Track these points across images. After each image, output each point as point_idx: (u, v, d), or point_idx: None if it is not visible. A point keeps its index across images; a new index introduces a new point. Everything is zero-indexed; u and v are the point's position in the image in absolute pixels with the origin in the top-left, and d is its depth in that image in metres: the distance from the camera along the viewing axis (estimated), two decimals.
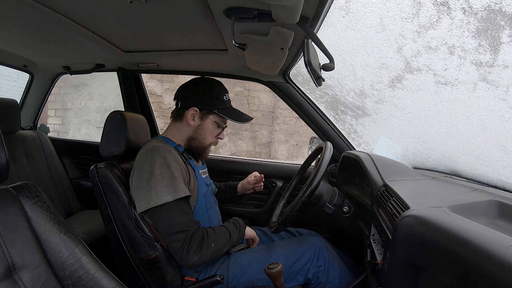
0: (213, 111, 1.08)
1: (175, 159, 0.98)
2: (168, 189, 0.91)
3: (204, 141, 1.11)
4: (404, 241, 0.59)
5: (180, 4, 0.81)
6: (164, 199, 0.90)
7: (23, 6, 0.88)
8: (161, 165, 0.94)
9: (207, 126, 1.10)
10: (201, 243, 0.92)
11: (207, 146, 1.13)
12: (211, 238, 0.95)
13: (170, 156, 0.97)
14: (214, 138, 1.13)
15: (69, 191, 1.87)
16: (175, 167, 0.96)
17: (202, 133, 1.10)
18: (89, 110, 5.48)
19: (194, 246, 0.91)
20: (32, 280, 0.59)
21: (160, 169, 0.93)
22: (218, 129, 1.12)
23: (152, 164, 0.94)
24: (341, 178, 1.35)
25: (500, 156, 1.05)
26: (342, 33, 1.38)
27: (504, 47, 1.11)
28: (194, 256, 0.90)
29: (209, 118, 1.09)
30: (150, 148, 0.99)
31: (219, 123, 1.11)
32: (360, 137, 1.66)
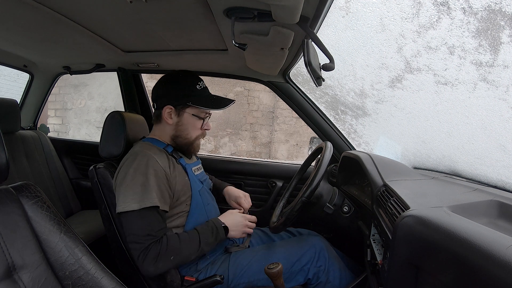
0: (187, 104, 1.04)
1: (153, 165, 0.95)
2: (136, 197, 0.89)
3: (188, 136, 1.07)
4: (404, 241, 0.59)
5: (180, 4, 0.81)
6: (129, 207, 0.89)
7: (23, 6, 0.88)
8: (134, 172, 0.92)
9: (187, 121, 1.06)
10: (157, 256, 0.89)
11: (194, 141, 1.09)
12: (171, 251, 0.91)
13: (147, 162, 0.94)
14: (199, 131, 1.09)
15: (69, 191, 1.87)
16: (150, 175, 0.93)
17: (184, 129, 1.06)
18: (89, 110, 5.48)
19: (149, 258, 0.88)
20: (32, 280, 0.59)
21: (132, 176, 0.92)
22: (199, 120, 1.07)
23: (127, 169, 0.93)
24: (341, 178, 1.35)
25: (500, 156, 1.05)
26: (342, 33, 1.38)
27: (504, 47, 1.11)
28: (149, 266, 0.89)
29: (186, 113, 1.05)
30: (130, 153, 0.99)
31: (197, 114, 1.06)
32: (360, 137, 1.66)
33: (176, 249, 0.92)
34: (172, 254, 0.91)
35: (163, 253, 0.90)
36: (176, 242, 0.93)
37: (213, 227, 1.02)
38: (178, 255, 0.92)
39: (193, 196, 1.05)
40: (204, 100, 1.06)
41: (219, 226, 1.02)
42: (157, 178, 0.94)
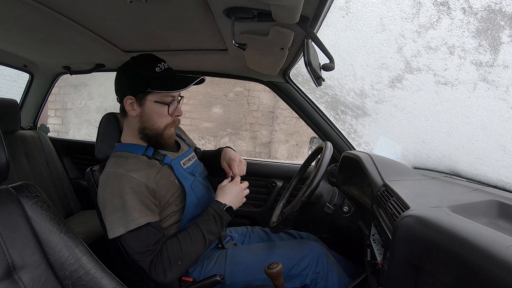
0: (147, 90, 0.92)
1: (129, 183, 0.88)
2: (119, 221, 0.86)
3: (156, 126, 0.96)
4: (404, 241, 0.59)
5: (180, 4, 0.81)
6: (117, 232, 0.86)
7: (23, 6, 0.88)
8: (111, 196, 0.87)
9: (150, 110, 0.94)
10: (164, 268, 0.87)
11: (163, 130, 0.97)
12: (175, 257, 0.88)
13: (120, 183, 0.88)
14: (168, 118, 0.97)
15: (69, 191, 1.87)
16: (127, 195, 0.87)
17: (149, 119, 0.95)
18: (89, 110, 5.48)
19: (157, 271, 0.87)
20: (32, 280, 0.59)
21: (110, 201, 0.87)
22: (164, 106, 0.95)
23: (104, 195, 0.89)
24: (341, 178, 1.35)
25: (500, 156, 1.05)
26: (342, 33, 1.38)
27: (504, 47, 1.11)
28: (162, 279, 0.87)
29: (147, 100, 0.93)
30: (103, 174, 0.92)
31: (160, 100, 0.94)
32: (360, 137, 1.66)
33: (179, 253, 0.90)
34: (177, 259, 0.89)
35: (168, 262, 0.87)
36: (177, 247, 0.90)
37: (215, 214, 0.95)
38: (184, 257, 0.90)
39: (186, 192, 0.99)
40: (165, 82, 0.93)
41: (221, 212, 0.95)
42: (136, 194, 0.88)
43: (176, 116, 1.01)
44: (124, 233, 0.85)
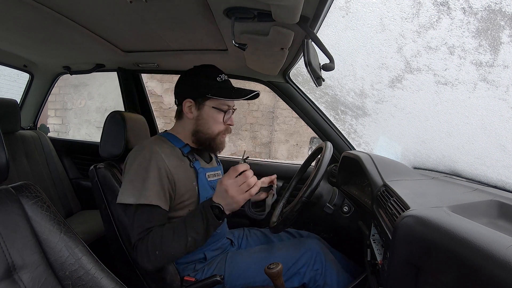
0: (207, 96, 0.99)
1: (158, 162, 0.91)
2: (134, 191, 0.88)
3: (210, 131, 1.02)
4: (404, 241, 0.59)
5: (180, 4, 0.81)
6: (127, 200, 0.88)
7: (23, 6, 0.88)
8: (138, 166, 0.91)
9: (207, 114, 1.01)
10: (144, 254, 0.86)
11: (216, 136, 1.03)
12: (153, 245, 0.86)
13: (151, 158, 0.91)
14: (222, 125, 1.03)
15: (69, 191, 1.87)
16: (152, 171, 0.90)
17: (204, 123, 1.01)
18: (89, 110, 5.48)
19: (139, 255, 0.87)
20: (32, 280, 0.59)
21: (136, 169, 0.91)
22: (220, 113, 1.01)
23: (132, 162, 0.93)
24: (341, 178, 1.35)
25: (500, 156, 1.05)
26: (342, 33, 1.38)
27: (504, 47, 1.11)
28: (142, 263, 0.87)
29: (206, 105, 1.00)
30: (140, 146, 0.97)
31: (218, 107, 1.00)
32: (360, 137, 1.66)
33: (158, 243, 0.86)
34: (157, 249, 0.86)
35: (148, 250, 0.86)
36: (158, 237, 0.86)
37: (202, 210, 0.88)
38: (163, 249, 0.86)
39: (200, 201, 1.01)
40: (224, 91, 1.00)
41: (207, 209, 0.87)
42: (160, 176, 0.91)
43: (229, 125, 1.05)
44: (132, 204, 0.88)
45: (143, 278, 1.01)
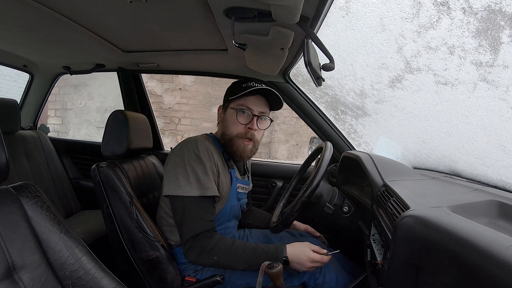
0: (229, 99, 1.06)
1: (211, 157, 0.97)
2: (196, 184, 0.92)
3: (229, 131, 1.05)
4: (404, 241, 0.59)
5: (180, 4, 0.81)
6: (191, 193, 0.91)
7: (23, 6, 0.88)
8: (196, 158, 0.94)
9: (228, 115, 1.07)
10: (202, 249, 0.90)
11: (234, 137, 1.04)
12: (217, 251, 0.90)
13: (206, 152, 0.96)
14: (241, 127, 1.03)
15: (69, 191, 1.87)
16: (209, 165, 0.95)
17: (225, 124, 1.07)
18: (89, 110, 5.48)
19: (195, 247, 0.91)
20: (32, 280, 0.59)
21: (194, 161, 0.93)
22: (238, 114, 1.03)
23: (189, 154, 0.95)
24: (341, 178, 1.34)
25: (500, 156, 1.05)
26: (342, 33, 1.38)
27: (504, 47, 1.11)
28: (192, 255, 0.92)
29: (228, 108, 1.06)
30: (192, 139, 1.00)
31: (234, 107, 1.04)
32: (360, 137, 1.65)
33: (223, 253, 0.91)
34: (216, 255, 0.91)
35: (209, 249, 0.90)
36: (227, 247, 0.92)
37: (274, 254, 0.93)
38: (223, 259, 0.91)
39: (223, 208, 1.04)
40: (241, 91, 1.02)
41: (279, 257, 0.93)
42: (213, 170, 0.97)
43: (249, 128, 1.04)
44: (197, 196, 0.90)
45: (144, 277, 1.01)
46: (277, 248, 0.95)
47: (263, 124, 1.07)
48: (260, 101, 1.06)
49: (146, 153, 1.41)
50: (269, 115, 1.10)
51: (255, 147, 1.07)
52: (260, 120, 1.06)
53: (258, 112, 1.05)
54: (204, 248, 0.91)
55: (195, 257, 0.91)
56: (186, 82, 4.86)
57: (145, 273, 1.01)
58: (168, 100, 5.13)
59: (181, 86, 4.90)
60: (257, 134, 1.06)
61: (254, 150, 1.07)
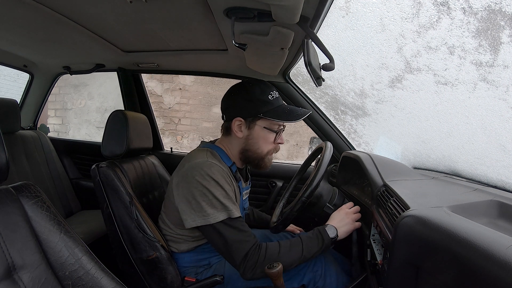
0: (259, 116, 0.96)
1: (226, 181, 0.93)
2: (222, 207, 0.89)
3: (259, 151, 1.00)
4: (404, 241, 0.59)
5: (180, 4, 0.81)
6: (219, 217, 0.88)
7: (23, 6, 0.88)
8: (215, 183, 0.90)
9: (257, 134, 0.98)
10: (256, 263, 0.88)
11: (265, 155, 1.01)
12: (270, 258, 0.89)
13: (221, 177, 0.92)
14: (272, 145, 1.01)
15: (69, 191, 1.87)
16: (227, 188, 0.92)
17: (254, 143, 0.99)
18: (89, 110, 5.48)
19: (249, 265, 0.88)
20: (32, 280, 0.59)
21: (212, 187, 0.89)
22: (272, 134, 0.99)
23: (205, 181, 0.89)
24: (341, 178, 1.34)
25: (500, 156, 1.05)
26: (342, 33, 1.38)
27: (504, 47, 1.11)
28: (247, 274, 0.88)
29: (257, 125, 0.97)
30: (201, 163, 0.92)
31: (269, 127, 0.98)
32: (360, 137, 1.65)
33: (275, 258, 0.90)
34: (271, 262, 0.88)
35: (261, 260, 0.88)
36: (275, 251, 0.91)
37: (318, 233, 0.95)
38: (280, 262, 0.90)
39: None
40: (277, 111, 0.96)
41: (322, 230, 0.95)
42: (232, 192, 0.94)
43: (279, 143, 1.03)
44: (225, 219, 0.88)
45: (144, 277, 1.01)
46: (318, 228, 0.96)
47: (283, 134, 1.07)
48: None
49: (146, 153, 1.41)
50: None
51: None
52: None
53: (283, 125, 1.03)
54: (256, 261, 0.88)
55: (252, 274, 0.88)
56: (186, 82, 4.86)
57: (145, 273, 1.01)
58: (168, 100, 5.13)
59: (181, 86, 4.90)
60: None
61: None
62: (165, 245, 1.01)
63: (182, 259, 1.03)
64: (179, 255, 1.03)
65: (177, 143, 4.82)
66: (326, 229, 0.95)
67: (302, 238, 0.94)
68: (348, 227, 0.98)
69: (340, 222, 0.98)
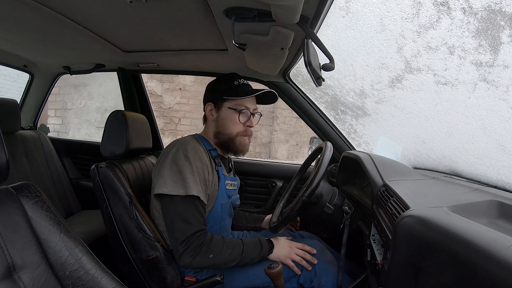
0: (223, 98, 1.07)
1: (199, 158, 0.98)
2: (183, 183, 0.92)
3: (228, 131, 1.08)
4: (404, 241, 0.59)
5: (180, 4, 0.81)
6: (176, 192, 0.91)
7: (23, 6, 0.88)
8: (184, 158, 0.95)
9: (224, 115, 1.08)
10: (198, 249, 0.90)
11: (235, 137, 1.08)
12: (212, 248, 0.92)
13: (195, 153, 0.98)
14: (240, 126, 1.08)
15: (69, 191, 1.87)
16: (196, 166, 0.96)
17: (223, 123, 1.08)
18: (89, 110, 5.48)
19: (189, 249, 0.90)
20: (32, 280, 0.59)
21: (182, 161, 0.94)
22: (236, 113, 1.07)
23: (177, 155, 0.96)
24: (341, 178, 1.34)
25: (500, 156, 1.05)
26: (342, 33, 1.38)
27: (504, 47, 1.11)
28: (186, 258, 0.90)
29: (223, 107, 1.08)
30: (181, 140, 1.02)
31: (234, 107, 1.07)
32: (360, 137, 1.65)
33: (218, 249, 0.93)
34: (212, 253, 0.92)
35: (204, 248, 0.91)
36: (220, 243, 0.94)
37: (258, 242, 1.02)
38: (217, 256, 0.93)
39: (214, 206, 1.05)
40: (238, 90, 1.07)
41: (263, 242, 1.02)
42: (203, 171, 0.98)
43: (248, 126, 1.10)
44: (182, 195, 0.91)
45: (144, 277, 1.01)
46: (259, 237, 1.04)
47: (256, 119, 1.14)
48: (253, 99, 1.11)
49: (146, 153, 1.41)
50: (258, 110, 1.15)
51: (250, 140, 1.14)
52: (254, 117, 1.13)
53: (253, 110, 1.11)
54: (199, 246, 0.90)
55: (190, 260, 0.90)
56: (186, 82, 4.86)
57: (145, 273, 1.01)
58: (168, 100, 5.13)
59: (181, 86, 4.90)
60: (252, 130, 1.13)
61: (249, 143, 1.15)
62: (164, 244, 1.01)
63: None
64: None
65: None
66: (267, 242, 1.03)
67: (244, 242, 0.98)
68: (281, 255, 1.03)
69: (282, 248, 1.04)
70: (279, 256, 1.03)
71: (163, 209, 0.97)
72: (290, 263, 1.02)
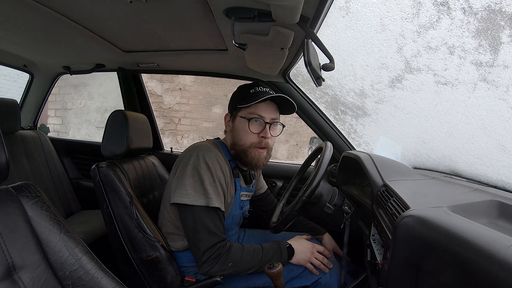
0: (237, 107, 1.01)
1: (221, 168, 0.94)
2: (204, 193, 0.90)
3: (241, 142, 1.01)
4: (404, 241, 0.59)
5: (180, 4, 0.81)
6: (197, 202, 0.89)
7: (23, 6, 0.88)
8: (206, 167, 0.91)
9: (237, 125, 1.02)
10: (217, 258, 0.90)
11: (247, 148, 1.00)
12: (232, 257, 0.91)
13: (216, 163, 0.94)
14: (253, 137, 1.00)
15: (69, 191, 1.87)
16: (218, 176, 0.93)
17: (236, 134, 1.02)
18: (89, 110, 5.48)
19: (211, 258, 0.89)
20: (32, 280, 0.59)
21: (204, 171, 0.91)
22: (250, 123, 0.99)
23: (198, 163, 0.92)
24: (341, 178, 1.34)
25: (500, 156, 1.05)
26: (342, 33, 1.38)
27: (504, 47, 1.11)
28: (206, 267, 0.90)
29: (237, 117, 1.02)
30: (202, 146, 0.97)
31: (244, 115, 1.00)
32: (360, 137, 1.65)
33: (237, 258, 0.92)
34: (231, 261, 0.91)
35: (224, 257, 0.90)
36: (239, 252, 0.93)
37: (278, 248, 0.99)
38: (237, 265, 0.92)
39: (225, 217, 1.03)
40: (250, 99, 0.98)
41: (283, 248, 0.99)
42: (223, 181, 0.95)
43: (262, 137, 1.00)
44: (203, 205, 0.89)
45: (144, 277, 1.01)
46: (279, 243, 1.00)
47: (275, 130, 1.04)
48: (270, 107, 1.01)
49: (146, 153, 1.41)
50: (279, 120, 1.05)
51: (268, 154, 1.05)
52: (272, 127, 1.03)
53: (270, 119, 1.01)
54: (218, 256, 0.90)
55: (209, 267, 0.90)
56: (186, 82, 4.86)
57: (145, 273, 1.01)
58: (168, 100, 5.13)
59: (181, 86, 4.90)
60: (270, 142, 1.03)
61: (268, 157, 1.05)
62: (165, 245, 1.01)
63: (182, 258, 1.03)
64: (178, 254, 1.03)
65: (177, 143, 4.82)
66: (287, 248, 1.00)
67: (264, 249, 0.97)
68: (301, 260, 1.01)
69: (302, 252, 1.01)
70: (299, 260, 1.01)
71: (182, 217, 0.94)
72: (310, 266, 1.01)
